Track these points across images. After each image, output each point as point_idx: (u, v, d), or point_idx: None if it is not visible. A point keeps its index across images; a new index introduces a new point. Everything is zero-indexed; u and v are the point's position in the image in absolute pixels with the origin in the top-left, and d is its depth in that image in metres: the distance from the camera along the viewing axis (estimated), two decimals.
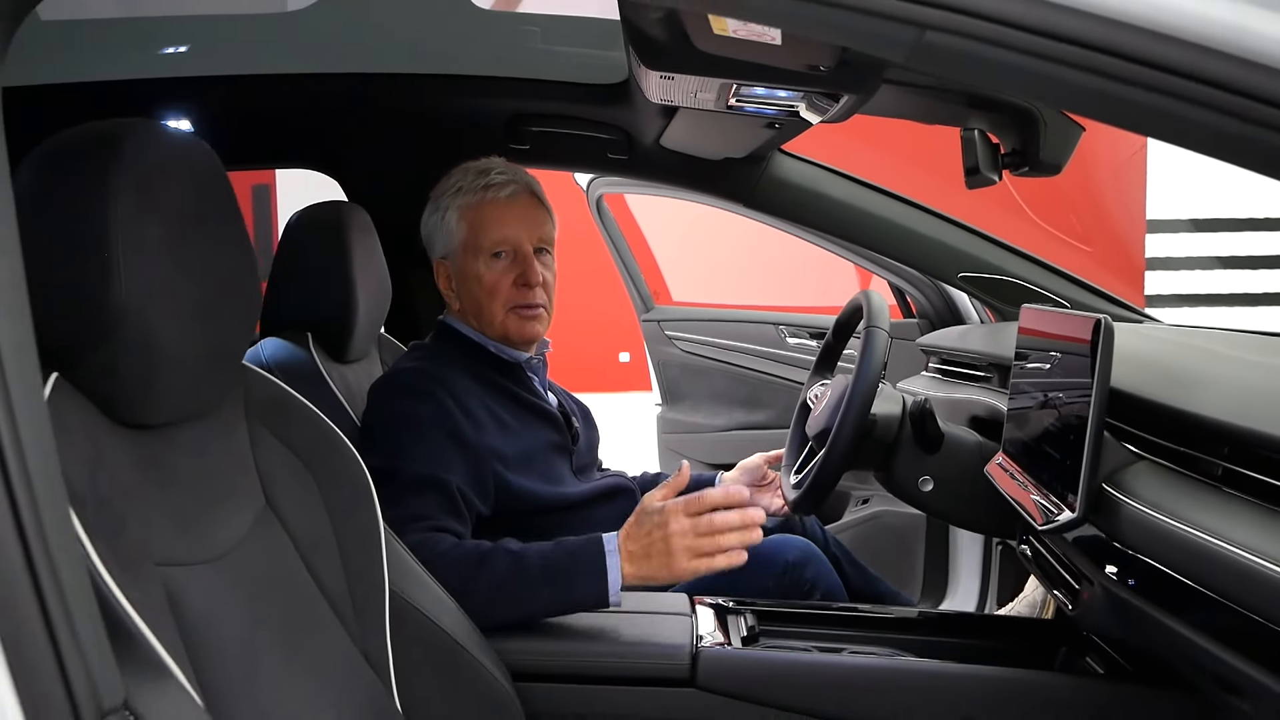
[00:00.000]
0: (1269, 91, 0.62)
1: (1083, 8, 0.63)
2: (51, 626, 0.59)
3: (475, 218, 1.66)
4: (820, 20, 0.68)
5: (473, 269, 1.66)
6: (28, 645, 0.58)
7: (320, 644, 1.12)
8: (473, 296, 1.67)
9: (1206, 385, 1.21)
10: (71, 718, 0.59)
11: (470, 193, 1.66)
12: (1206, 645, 1.06)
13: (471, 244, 1.66)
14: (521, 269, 1.65)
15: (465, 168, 1.71)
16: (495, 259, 1.65)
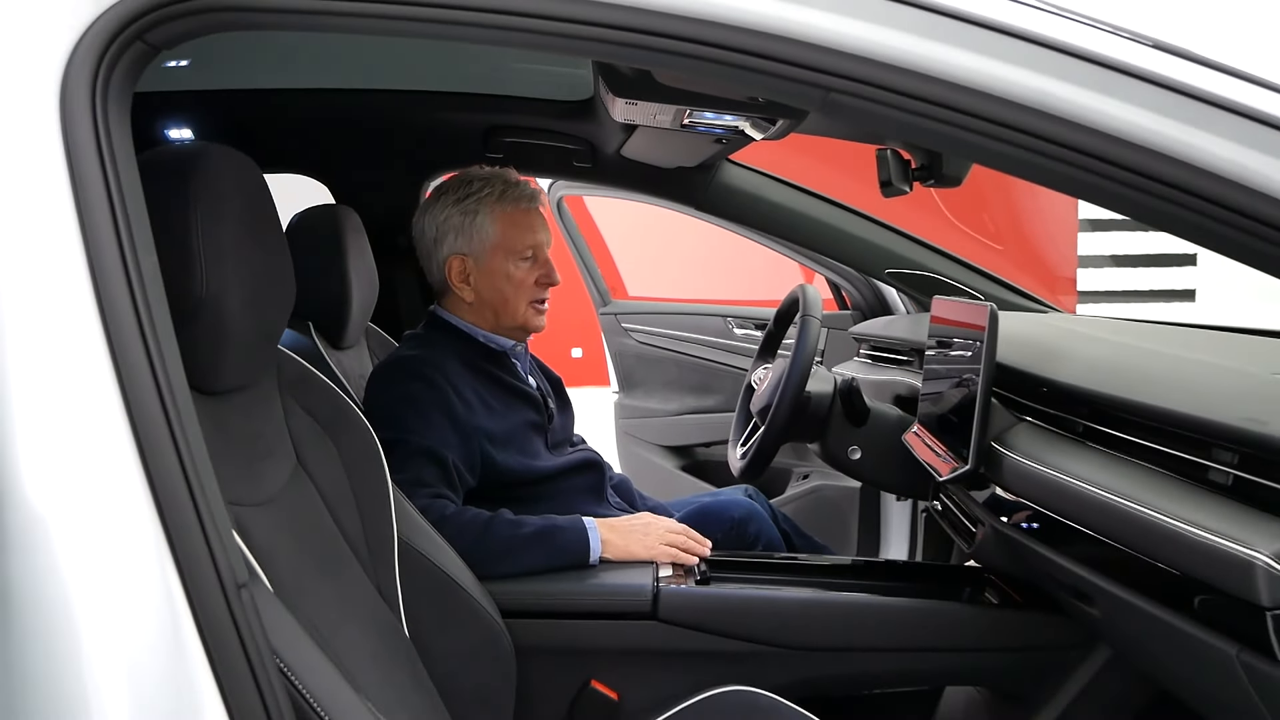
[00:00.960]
0: (1073, 141, 0.88)
1: (946, 78, 0.88)
2: (204, 525, 0.82)
3: (509, 222, 1.85)
4: (753, 83, 0.92)
5: (503, 268, 1.85)
6: (192, 539, 0.81)
7: (347, 577, 1.34)
8: (498, 291, 1.86)
9: (1071, 360, 1.48)
10: (219, 587, 0.81)
11: (504, 200, 1.85)
12: (1066, 565, 1.32)
13: (505, 245, 1.85)
14: (545, 270, 1.87)
15: (487, 176, 1.88)
16: (524, 260, 1.86)
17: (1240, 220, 0.86)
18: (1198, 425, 1.10)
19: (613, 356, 3.59)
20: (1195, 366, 1.30)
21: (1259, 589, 0.91)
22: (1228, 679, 1.01)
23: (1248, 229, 0.87)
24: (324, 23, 0.89)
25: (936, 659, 1.68)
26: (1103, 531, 1.22)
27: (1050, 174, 0.91)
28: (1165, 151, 0.86)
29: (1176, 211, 0.88)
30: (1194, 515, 1.04)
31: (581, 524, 1.70)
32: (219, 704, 0.81)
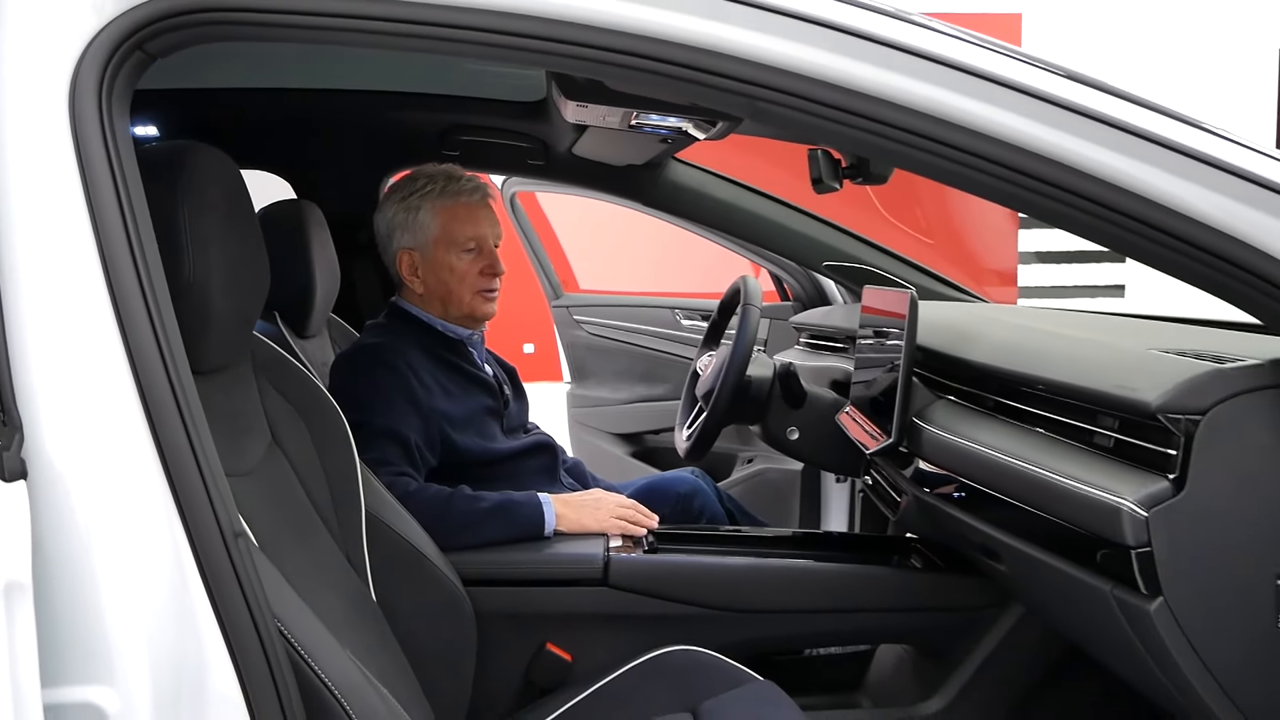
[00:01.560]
0: (965, 144, 1.01)
1: (856, 89, 1.01)
2: (205, 480, 0.92)
3: (450, 216, 1.95)
4: (689, 92, 1.04)
5: (445, 260, 1.96)
6: (194, 491, 0.91)
7: (318, 545, 1.44)
8: (443, 282, 1.97)
9: (982, 342, 1.62)
10: (219, 534, 0.92)
11: (445, 195, 1.96)
12: (977, 525, 1.47)
13: (445, 238, 1.95)
14: (489, 261, 1.97)
15: (431, 172, 1.99)
16: (466, 252, 1.96)
17: (1106, 213, 1.00)
18: (1084, 394, 1.24)
19: (565, 348, 3.70)
20: (1085, 345, 1.45)
21: (1125, 531, 1.06)
22: (1107, 616, 1.15)
23: (1117, 221, 1.01)
24: (313, 35, 0.99)
25: (867, 619, 1.82)
26: (1007, 493, 1.36)
27: (951, 174, 1.04)
28: (1041, 152, 1.00)
29: (1054, 206, 1.02)
30: (1080, 473, 1.18)
31: (537, 499, 1.82)
32: (219, 637, 0.92)
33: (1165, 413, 1.06)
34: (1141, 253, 1.03)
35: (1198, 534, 1.04)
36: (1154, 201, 1.00)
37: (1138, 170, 0.99)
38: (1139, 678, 1.25)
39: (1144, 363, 1.21)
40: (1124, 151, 0.99)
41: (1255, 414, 1.05)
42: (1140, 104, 1.02)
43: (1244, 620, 1.05)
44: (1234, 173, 0.99)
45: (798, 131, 1.08)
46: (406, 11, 0.98)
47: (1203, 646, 1.06)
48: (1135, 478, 1.10)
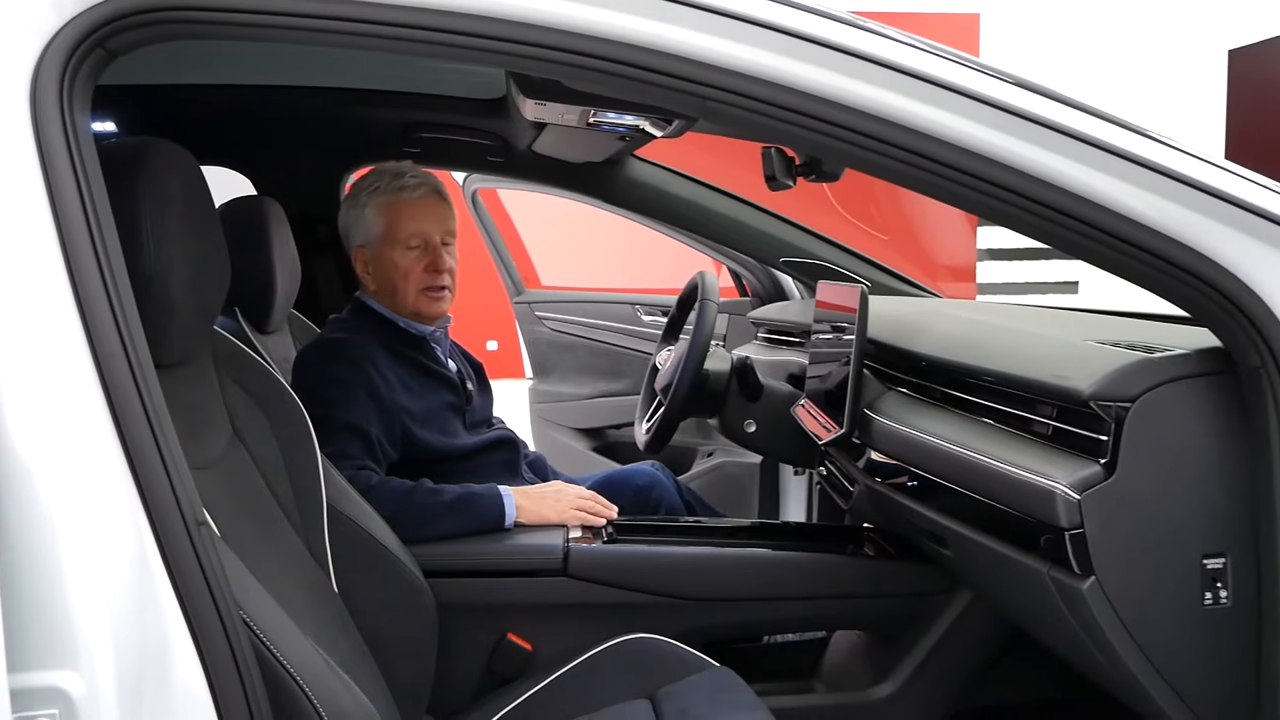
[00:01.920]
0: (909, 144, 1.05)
1: (801, 89, 1.05)
2: (167, 469, 0.94)
3: (392, 214, 1.97)
4: (642, 92, 1.08)
5: (389, 256, 1.97)
6: (156, 479, 0.93)
7: (280, 537, 1.46)
8: (389, 279, 1.98)
9: (930, 335, 1.67)
10: (182, 522, 0.94)
11: (388, 192, 1.97)
12: (924, 512, 1.52)
13: (389, 236, 1.97)
14: (432, 258, 1.97)
15: (381, 170, 2.01)
16: (410, 249, 1.97)
17: (1048, 212, 1.05)
18: (1023, 384, 1.29)
19: (527, 344, 3.72)
20: (1026, 337, 1.50)
21: (1058, 513, 1.11)
22: (1044, 596, 1.20)
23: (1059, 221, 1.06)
24: (273, 34, 1.01)
25: (822, 607, 1.87)
26: (952, 480, 1.41)
27: (896, 173, 1.09)
28: (983, 153, 1.05)
29: (995, 204, 1.06)
30: (1019, 459, 1.23)
31: (497, 491, 1.84)
32: (183, 625, 0.93)
33: (1097, 400, 1.11)
34: (1081, 250, 1.08)
35: (1128, 516, 1.10)
36: (1095, 202, 1.04)
37: (1079, 173, 1.04)
38: (1077, 656, 1.30)
39: (1079, 353, 1.27)
40: (1067, 155, 1.03)
41: (1182, 401, 1.10)
42: (1084, 110, 1.06)
43: (1172, 598, 1.10)
44: (1171, 176, 1.05)
45: (748, 130, 1.11)
46: (365, 12, 1.01)
47: (1133, 624, 1.11)
48: (1069, 463, 1.15)
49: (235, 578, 1.06)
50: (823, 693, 1.92)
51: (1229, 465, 1.10)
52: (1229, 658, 1.11)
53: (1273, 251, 1.05)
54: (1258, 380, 1.06)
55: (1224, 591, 1.10)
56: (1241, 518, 1.09)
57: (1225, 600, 1.10)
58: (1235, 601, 1.10)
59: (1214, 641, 1.11)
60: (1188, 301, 1.09)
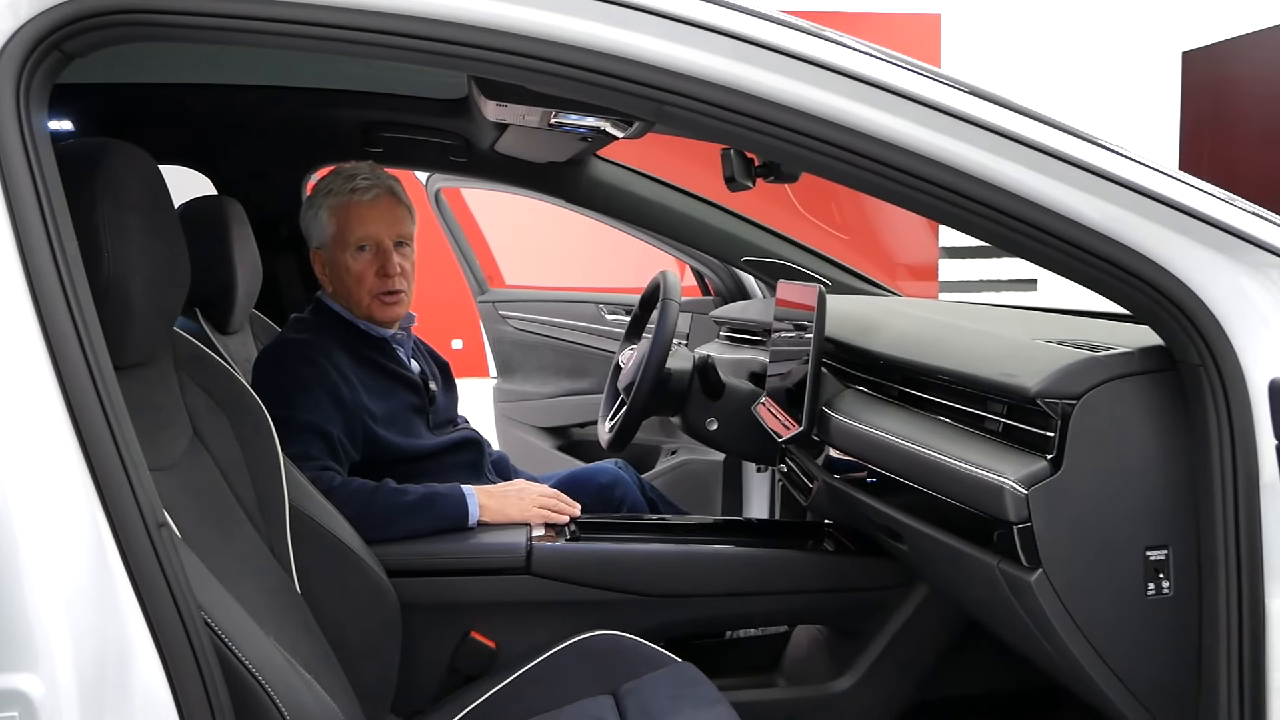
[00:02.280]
0: (860, 148, 1.08)
1: (755, 94, 1.07)
2: (127, 471, 0.94)
3: (343, 217, 1.96)
4: (599, 96, 1.09)
5: (342, 260, 1.96)
6: (116, 481, 0.93)
7: (242, 538, 1.46)
8: (342, 282, 1.98)
9: (886, 333, 1.70)
10: (142, 524, 0.94)
11: (339, 194, 1.96)
12: (881, 508, 1.54)
13: (340, 239, 1.96)
14: (382, 262, 1.96)
15: (337, 172, 2.00)
16: (360, 252, 1.95)
17: (997, 215, 1.08)
18: (974, 382, 1.32)
19: (491, 343, 3.72)
20: (978, 336, 1.53)
21: (1007, 507, 1.14)
22: (995, 588, 1.23)
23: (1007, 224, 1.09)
24: (232, 37, 1.02)
25: (782, 601, 1.90)
26: (906, 476, 1.44)
27: (849, 177, 1.11)
28: (933, 157, 1.07)
29: (943, 206, 1.09)
30: (970, 455, 1.26)
31: (460, 491, 1.85)
32: (143, 626, 0.94)
33: (1043, 398, 1.14)
34: (1029, 252, 1.11)
35: (1073, 509, 1.13)
36: (1042, 206, 1.07)
37: (1028, 177, 1.07)
38: (1027, 647, 1.33)
39: (1027, 352, 1.30)
40: (1016, 160, 1.07)
41: (1125, 398, 1.14)
42: (1032, 117, 1.09)
43: (1116, 589, 1.14)
44: (1116, 181, 1.08)
45: (704, 134, 1.13)
46: (326, 16, 1.01)
47: (1079, 614, 1.14)
48: (1018, 459, 1.18)
49: (196, 579, 1.07)
50: (784, 686, 1.95)
51: (1170, 460, 1.13)
52: (1171, 646, 1.14)
53: (1212, 254, 1.09)
54: (1197, 377, 1.10)
55: (1166, 582, 1.13)
56: (1182, 510, 1.13)
57: (1167, 590, 1.13)
58: (1177, 591, 1.14)
59: (1157, 630, 1.14)
60: (1130, 301, 1.12)
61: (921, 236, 5.09)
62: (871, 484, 1.59)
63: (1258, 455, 1.07)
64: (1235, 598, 1.09)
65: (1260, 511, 1.07)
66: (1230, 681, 1.10)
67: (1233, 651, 1.09)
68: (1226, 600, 1.09)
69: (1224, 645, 1.10)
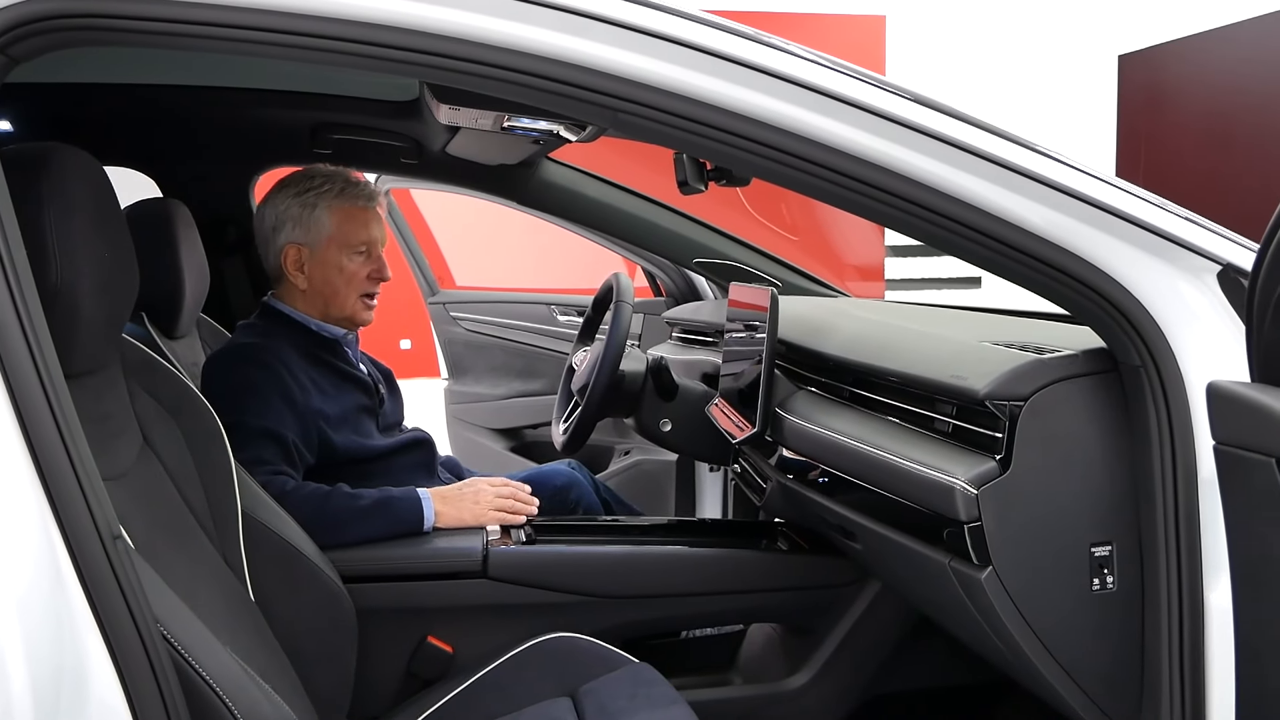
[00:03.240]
0: (810, 155, 1.10)
1: (709, 102, 1.08)
2: (80, 482, 0.93)
3: (346, 217, 1.96)
4: (553, 103, 1.10)
5: (336, 260, 1.96)
6: (69, 492, 0.92)
7: (194, 547, 1.44)
8: (329, 282, 1.97)
9: (837, 335, 1.73)
10: (96, 536, 0.93)
11: (343, 196, 1.96)
12: (834, 508, 1.57)
13: (340, 239, 1.95)
14: (378, 266, 1.99)
15: (328, 173, 1.99)
16: (358, 255, 1.97)
17: (945, 222, 1.10)
18: (924, 384, 1.35)
19: (442, 344, 3.70)
20: (927, 338, 1.57)
21: (958, 507, 1.16)
22: (946, 585, 1.26)
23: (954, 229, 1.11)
24: (181, 42, 1.01)
25: (737, 601, 1.91)
26: (859, 476, 1.46)
27: (798, 183, 1.13)
28: (878, 162, 1.10)
29: (891, 211, 1.11)
30: (921, 456, 1.29)
31: (416, 496, 1.84)
32: (99, 640, 0.93)
33: (991, 399, 1.17)
34: (976, 257, 1.14)
35: (1021, 508, 1.16)
36: (988, 212, 1.10)
37: (974, 185, 1.10)
38: (977, 642, 1.36)
39: (975, 354, 1.33)
40: (962, 168, 1.09)
41: (1070, 399, 1.17)
42: (978, 126, 1.12)
43: (1063, 585, 1.17)
44: (1059, 189, 1.11)
45: (658, 140, 1.14)
46: (275, 21, 1.01)
47: (1027, 610, 1.17)
48: (968, 459, 1.21)
49: (152, 590, 1.06)
50: (740, 685, 1.97)
51: (1113, 458, 1.17)
52: (1117, 639, 1.18)
53: (1151, 259, 1.12)
54: (1138, 378, 1.13)
55: (1110, 577, 1.17)
56: (1125, 507, 1.17)
57: (1112, 585, 1.17)
58: (1121, 586, 1.17)
59: (1103, 624, 1.18)
60: (1073, 305, 1.16)
61: (868, 237, 5.16)
62: (824, 484, 1.61)
63: (1196, 453, 1.11)
64: (1175, 591, 1.13)
65: (1199, 508, 1.11)
66: (1172, 673, 1.13)
67: (1174, 644, 1.13)
68: (1167, 594, 1.13)
69: (1165, 638, 1.13)
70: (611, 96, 1.06)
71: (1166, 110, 6.10)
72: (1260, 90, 5.24)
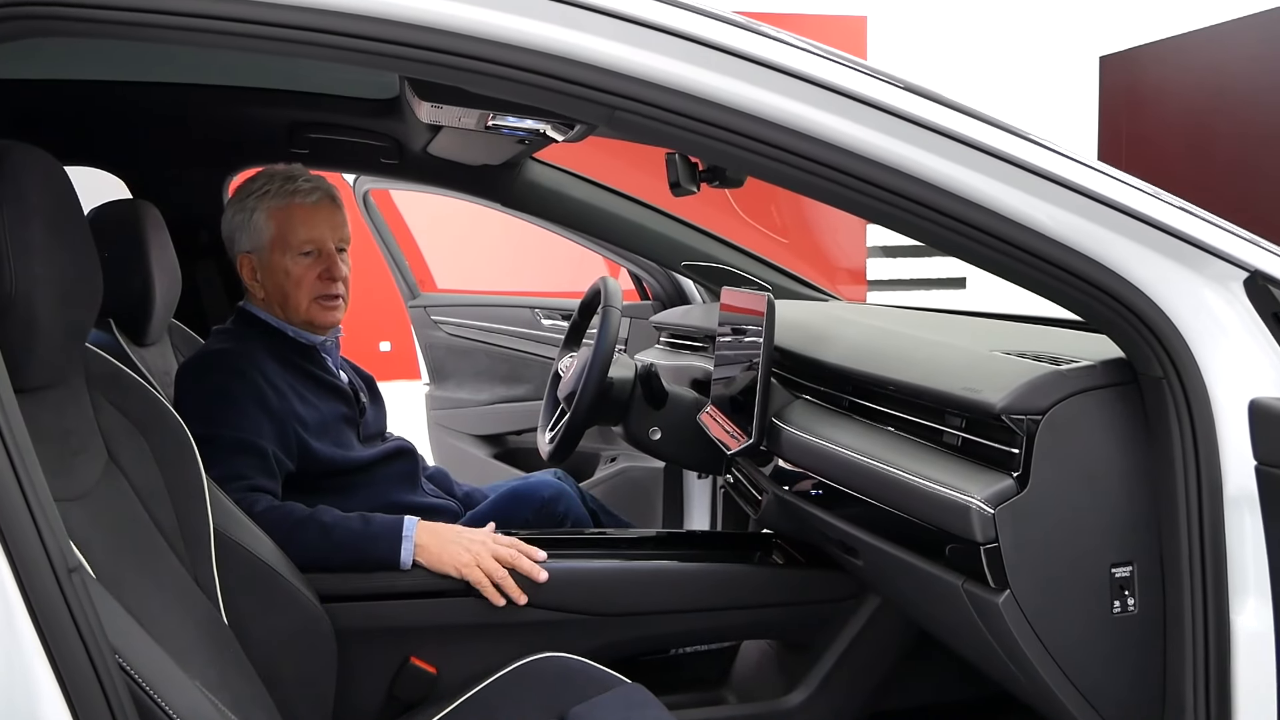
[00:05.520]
0: (814, 154, 1.04)
1: (711, 99, 1.02)
2: (33, 513, 0.86)
3: (284, 219, 1.87)
4: (546, 100, 1.03)
5: (281, 264, 1.87)
6: (21, 525, 0.84)
7: (164, 569, 1.37)
8: (279, 287, 1.89)
9: (836, 342, 1.67)
10: (50, 571, 0.86)
11: (279, 196, 1.87)
12: (835, 522, 1.51)
13: (280, 242, 1.87)
14: (326, 265, 1.89)
15: (271, 173, 1.91)
16: (303, 256, 1.88)
17: (953, 223, 1.04)
18: (933, 396, 1.29)
19: (423, 349, 3.63)
20: (934, 347, 1.51)
21: (974, 528, 1.10)
22: (958, 607, 1.20)
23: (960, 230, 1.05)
24: (148, 33, 0.94)
25: (731, 617, 1.85)
26: (862, 491, 1.40)
27: (801, 183, 1.07)
28: (889, 164, 1.04)
29: (899, 214, 1.05)
30: (930, 471, 1.23)
31: (398, 531, 1.70)
32: (52, 679, 0.85)
33: (1009, 413, 1.11)
34: (987, 261, 1.08)
35: (1039, 528, 1.10)
36: (999, 214, 1.04)
37: (985, 185, 1.04)
38: (986, 662, 1.31)
39: (987, 365, 1.27)
40: (972, 167, 1.03)
41: (1090, 413, 1.11)
42: (989, 122, 1.06)
43: (1083, 608, 1.11)
44: (1074, 189, 1.05)
45: (653, 139, 1.08)
46: (248, 11, 0.94)
47: (1046, 634, 1.12)
48: (982, 476, 1.15)
49: (111, 621, 0.98)
50: (734, 703, 1.91)
51: (1134, 475, 1.11)
52: (1138, 663, 1.12)
53: (1174, 265, 1.07)
54: (1160, 391, 1.08)
55: (1131, 599, 1.11)
56: (1146, 526, 1.11)
57: (1133, 608, 1.11)
58: (1142, 608, 1.12)
59: (1123, 648, 1.12)
60: (1090, 312, 1.10)
61: (854, 238, 5.13)
62: (824, 498, 1.55)
63: (1222, 469, 1.06)
64: (1200, 613, 1.07)
65: (1225, 526, 1.06)
66: (1196, 699, 1.08)
67: (1198, 668, 1.08)
68: (1192, 616, 1.08)
69: (1189, 662, 1.08)
70: (609, 93, 1.00)
71: (1148, 111, 6.10)
72: (1241, 91, 5.24)
